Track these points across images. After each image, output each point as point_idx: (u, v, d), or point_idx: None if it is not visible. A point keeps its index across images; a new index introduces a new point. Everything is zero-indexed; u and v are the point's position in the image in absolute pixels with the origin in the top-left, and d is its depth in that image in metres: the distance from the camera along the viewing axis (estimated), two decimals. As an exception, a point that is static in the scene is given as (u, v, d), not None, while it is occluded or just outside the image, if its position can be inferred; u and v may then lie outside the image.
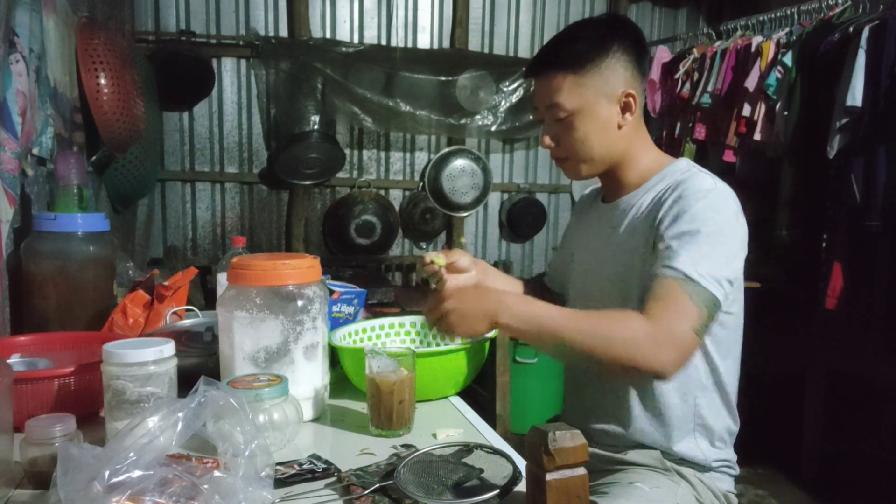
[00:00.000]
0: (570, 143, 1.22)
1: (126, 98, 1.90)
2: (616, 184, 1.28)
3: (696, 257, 1.06)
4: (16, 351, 1.17)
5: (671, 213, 1.12)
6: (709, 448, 1.20)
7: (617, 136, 1.22)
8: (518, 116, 3.80)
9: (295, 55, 3.45)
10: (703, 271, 1.06)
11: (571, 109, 1.18)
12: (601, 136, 1.20)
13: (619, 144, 1.23)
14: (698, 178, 1.15)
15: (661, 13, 4.19)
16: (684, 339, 1.04)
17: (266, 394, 0.95)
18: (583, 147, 1.21)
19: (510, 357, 3.22)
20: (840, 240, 2.61)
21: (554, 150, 1.25)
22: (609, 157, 1.23)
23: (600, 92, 1.18)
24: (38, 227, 1.37)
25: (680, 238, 1.09)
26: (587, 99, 1.18)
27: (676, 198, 1.13)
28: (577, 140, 1.21)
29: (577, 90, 1.18)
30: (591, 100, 1.18)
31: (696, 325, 1.04)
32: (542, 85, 1.22)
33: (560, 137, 1.23)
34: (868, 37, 2.45)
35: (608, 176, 1.28)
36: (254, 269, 1.06)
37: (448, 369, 1.22)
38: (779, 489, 2.81)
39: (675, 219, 1.11)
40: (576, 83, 1.18)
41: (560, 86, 1.18)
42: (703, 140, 3.31)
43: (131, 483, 0.64)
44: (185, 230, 3.56)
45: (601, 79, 1.18)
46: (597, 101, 1.19)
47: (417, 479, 0.83)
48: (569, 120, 1.20)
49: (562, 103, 1.19)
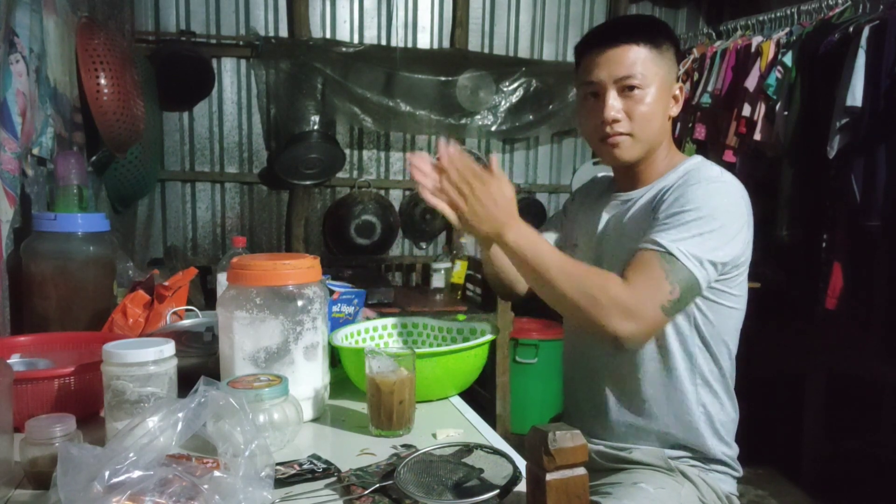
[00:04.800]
0: (636, 118, 1.19)
1: (126, 98, 1.90)
2: (634, 177, 1.28)
3: (682, 235, 1.08)
4: (16, 351, 1.17)
5: (671, 196, 1.15)
6: (713, 436, 1.21)
7: (667, 124, 1.25)
8: (518, 116, 3.80)
9: (295, 55, 3.45)
10: (685, 249, 1.07)
11: (648, 83, 1.19)
12: (660, 118, 1.22)
13: (664, 134, 1.25)
14: (706, 168, 1.18)
15: (661, 13, 4.19)
16: (649, 313, 1.06)
17: (266, 394, 0.95)
18: (646, 124, 1.20)
19: (510, 357, 3.23)
20: (840, 240, 2.61)
21: (620, 124, 1.20)
22: (655, 143, 1.24)
23: (668, 75, 1.21)
24: (38, 227, 1.37)
25: (671, 217, 1.11)
26: (662, 76, 1.20)
27: (680, 184, 1.16)
28: (643, 115, 1.19)
29: (654, 67, 1.19)
30: (664, 79, 1.21)
31: (664, 303, 1.06)
32: (616, 53, 1.19)
33: (627, 110, 1.20)
34: (868, 37, 2.45)
35: (633, 166, 1.26)
36: (254, 269, 1.06)
37: (448, 369, 1.22)
38: (779, 489, 2.81)
39: (673, 201, 1.14)
40: (653, 60, 1.19)
41: (640, 57, 1.18)
42: (703, 140, 3.31)
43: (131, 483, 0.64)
44: (185, 230, 3.56)
45: (668, 64, 1.22)
46: (666, 82, 1.21)
47: (417, 479, 0.83)
48: (641, 94, 1.19)
49: (642, 73, 1.18)
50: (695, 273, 1.07)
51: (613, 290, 1.06)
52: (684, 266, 1.07)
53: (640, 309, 1.05)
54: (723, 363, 1.20)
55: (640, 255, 1.10)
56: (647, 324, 1.07)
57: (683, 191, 1.14)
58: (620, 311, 1.05)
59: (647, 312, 1.06)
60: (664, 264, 1.07)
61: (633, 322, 1.05)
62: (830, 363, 2.85)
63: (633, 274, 1.08)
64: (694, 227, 1.09)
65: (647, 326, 1.07)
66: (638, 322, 1.05)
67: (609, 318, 1.05)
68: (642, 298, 1.05)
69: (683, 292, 1.07)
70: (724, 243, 1.11)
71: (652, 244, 1.09)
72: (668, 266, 1.06)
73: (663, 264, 1.07)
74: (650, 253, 1.09)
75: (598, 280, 1.07)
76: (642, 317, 1.05)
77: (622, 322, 1.05)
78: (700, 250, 1.08)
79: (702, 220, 1.09)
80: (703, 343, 1.18)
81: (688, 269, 1.07)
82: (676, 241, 1.08)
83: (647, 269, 1.07)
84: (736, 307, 1.20)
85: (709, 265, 1.09)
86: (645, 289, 1.06)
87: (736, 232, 1.13)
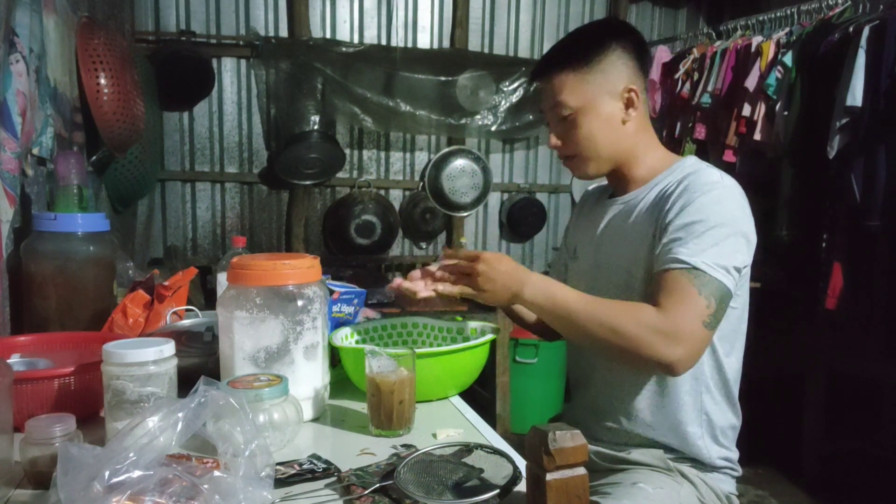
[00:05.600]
0: (575, 141, 1.23)
1: (126, 98, 1.90)
2: (624, 180, 1.29)
3: (702, 247, 1.07)
4: (16, 351, 1.17)
5: (677, 205, 1.13)
6: (713, 444, 1.20)
7: (622, 132, 1.23)
8: (518, 116, 3.80)
9: (295, 55, 3.45)
10: (710, 261, 1.06)
11: (575, 106, 1.20)
12: (606, 133, 1.22)
13: (624, 141, 1.24)
14: (705, 173, 1.16)
15: (661, 13, 4.19)
16: (693, 333, 1.04)
17: (266, 394, 0.95)
18: (588, 144, 1.22)
19: (510, 357, 3.23)
20: (840, 240, 2.61)
21: (561, 148, 1.27)
22: (615, 155, 1.24)
23: (602, 88, 1.20)
24: (38, 227, 1.37)
25: (685, 229, 1.09)
26: (590, 95, 1.20)
27: (682, 190, 1.14)
28: (582, 137, 1.22)
29: (580, 87, 1.20)
30: (594, 96, 1.20)
31: (705, 318, 1.05)
32: (546, 85, 1.24)
33: (566, 136, 1.24)
34: (868, 37, 2.45)
35: (616, 174, 1.29)
36: (254, 269, 1.06)
37: (448, 369, 1.22)
38: (779, 489, 2.81)
39: (680, 211, 1.12)
40: (578, 80, 1.20)
41: (563, 84, 1.21)
42: (703, 140, 3.31)
43: (131, 483, 0.64)
44: (185, 230, 3.56)
45: (602, 75, 1.20)
46: (599, 97, 1.20)
47: (417, 479, 0.83)
48: (573, 117, 1.21)
49: (565, 101, 1.21)
50: (724, 282, 1.06)
51: (648, 318, 1.04)
52: (714, 278, 1.05)
53: (682, 330, 1.03)
54: (727, 368, 1.20)
55: (667, 277, 1.08)
56: (692, 344, 1.04)
57: (688, 199, 1.12)
58: (662, 337, 1.03)
59: (690, 332, 1.03)
60: (693, 280, 1.05)
61: (678, 346, 1.03)
62: (830, 363, 2.85)
63: (665, 297, 1.06)
64: (709, 237, 1.08)
65: (694, 347, 1.05)
66: (684, 345, 1.03)
67: (651, 348, 1.03)
68: (681, 319, 1.03)
69: (719, 303, 1.06)
70: (740, 248, 1.10)
71: (675, 263, 1.07)
72: (698, 281, 1.05)
73: (693, 280, 1.05)
74: (676, 272, 1.07)
75: (629, 313, 1.06)
76: (687, 338, 1.03)
77: (667, 349, 1.03)
78: (722, 259, 1.07)
79: (715, 229, 1.08)
80: (711, 347, 1.17)
81: (718, 280, 1.05)
82: (698, 255, 1.06)
83: (678, 288, 1.05)
84: (738, 307, 1.19)
85: (734, 271, 1.08)
86: (682, 309, 1.04)
87: (746, 235, 1.13)
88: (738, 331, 1.22)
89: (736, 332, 1.21)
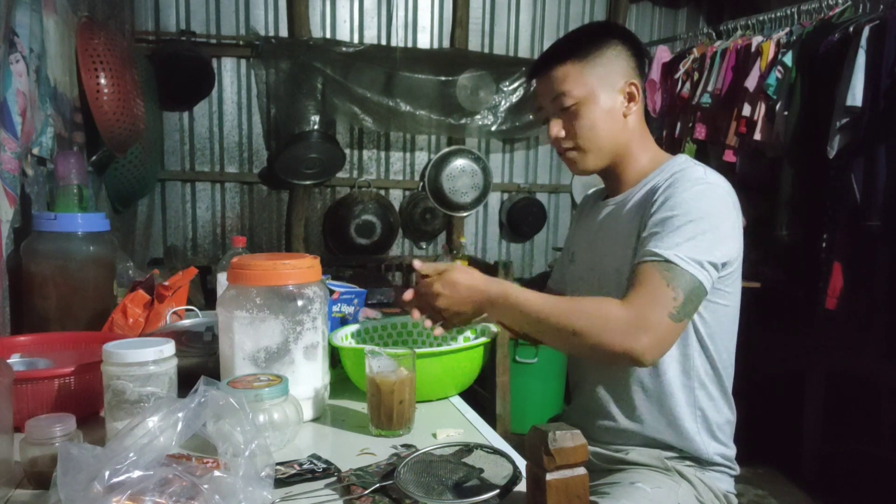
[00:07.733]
0: (577, 132, 1.23)
1: (126, 98, 1.90)
2: (618, 181, 1.29)
3: (677, 241, 1.07)
4: (16, 351, 1.17)
5: (659, 201, 1.14)
6: (710, 440, 1.20)
7: (622, 125, 1.24)
8: (518, 116, 3.80)
9: (295, 55, 3.45)
10: (684, 254, 1.06)
11: (578, 97, 1.21)
12: (607, 124, 1.22)
13: (623, 136, 1.24)
14: (691, 170, 1.17)
15: (661, 13, 4.20)
16: (659, 323, 1.04)
17: (266, 394, 0.95)
18: (590, 135, 1.22)
19: (510, 357, 3.22)
20: (840, 240, 2.61)
21: (562, 140, 1.26)
22: (615, 148, 1.25)
23: (603, 81, 1.21)
24: (38, 227, 1.37)
25: (663, 223, 1.10)
26: (592, 86, 1.21)
27: (666, 187, 1.15)
28: (584, 128, 1.22)
29: (582, 78, 1.20)
30: (596, 87, 1.21)
31: (671, 310, 1.05)
32: (546, 79, 1.24)
33: (567, 127, 1.24)
34: (868, 37, 2.45)
35: (610, 172, 1.29)
36: (254, 269, 1.06)
37: (448, 370, 1.22)
38: (779, 489, 2.81)
39: (660, 206, 1.13)
40: (580, 71, 1.20)
41: (566, 75, 1.21)
42: (704, 140, 3.31)
43: (131, 483, 0.64)
44: (185, 230, 3.56)
45: (604, 68, 1.21)
46: (601, 89, 1.21)
47: (417, 479, 0.83)
48: (575, 108, 1.21)
49: (569, 90, 1.21)
50: (697, 276, 1.06)
51: (613, 310, 1.05)
52: (685, 271, 1.05)
53: (646, 320, 1.03)
54: (720, 364, 1.20)
55: (640, 270, 1.09)
56: (657, 334, 1.04)
57: (669, 195, 1.12)
58: (626, 328, 1.03)
59: (656, 323, 1.04)
60: (664, 273, 1.05)
61: (643, 335, 1.03)
62: (830, 363, 2.85)
63: (634, 290, 1.07)
64: (685, 231, 1.08)
65: (659, 337, 1.05)
66: (648, 334, 1.03)
67: (617, 338, 1.03)
68: (646, 310, 1.04)
69: (688, 296, 1.06)
70: (719, 243, 1.10)
71: (648, 256, 1.08)
72: (669, 274, 1.05)
73: (663, 273, 1.06)
74: (649, 265, 1.07)
75: (595, 306, 1.08)
76: (650, 328, 1.03)
77: (632, 339, 1.03)
78: (697, 253, 1.07)
79: (692, 224, 1.08)
80: (701, 344, 1.18)
81: (689, 273, 1.06)
82: (672, 248, 1.07)
83: (647, 281, 1.06)
84: (730, 304, 1.19)
85: (709, 266, 1.08)
86: (647, 300, 1.05)
87: (728, 231, 1.12)
88: (730, 329, 1.22)
89: (728, 330, 1.21)
